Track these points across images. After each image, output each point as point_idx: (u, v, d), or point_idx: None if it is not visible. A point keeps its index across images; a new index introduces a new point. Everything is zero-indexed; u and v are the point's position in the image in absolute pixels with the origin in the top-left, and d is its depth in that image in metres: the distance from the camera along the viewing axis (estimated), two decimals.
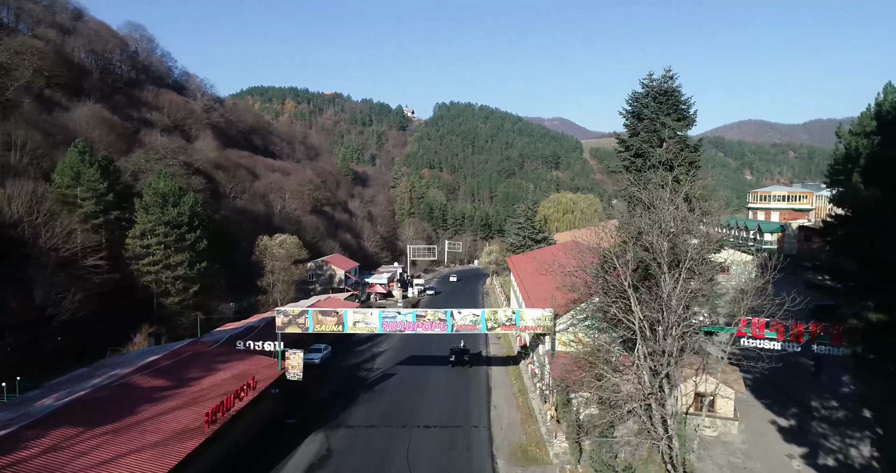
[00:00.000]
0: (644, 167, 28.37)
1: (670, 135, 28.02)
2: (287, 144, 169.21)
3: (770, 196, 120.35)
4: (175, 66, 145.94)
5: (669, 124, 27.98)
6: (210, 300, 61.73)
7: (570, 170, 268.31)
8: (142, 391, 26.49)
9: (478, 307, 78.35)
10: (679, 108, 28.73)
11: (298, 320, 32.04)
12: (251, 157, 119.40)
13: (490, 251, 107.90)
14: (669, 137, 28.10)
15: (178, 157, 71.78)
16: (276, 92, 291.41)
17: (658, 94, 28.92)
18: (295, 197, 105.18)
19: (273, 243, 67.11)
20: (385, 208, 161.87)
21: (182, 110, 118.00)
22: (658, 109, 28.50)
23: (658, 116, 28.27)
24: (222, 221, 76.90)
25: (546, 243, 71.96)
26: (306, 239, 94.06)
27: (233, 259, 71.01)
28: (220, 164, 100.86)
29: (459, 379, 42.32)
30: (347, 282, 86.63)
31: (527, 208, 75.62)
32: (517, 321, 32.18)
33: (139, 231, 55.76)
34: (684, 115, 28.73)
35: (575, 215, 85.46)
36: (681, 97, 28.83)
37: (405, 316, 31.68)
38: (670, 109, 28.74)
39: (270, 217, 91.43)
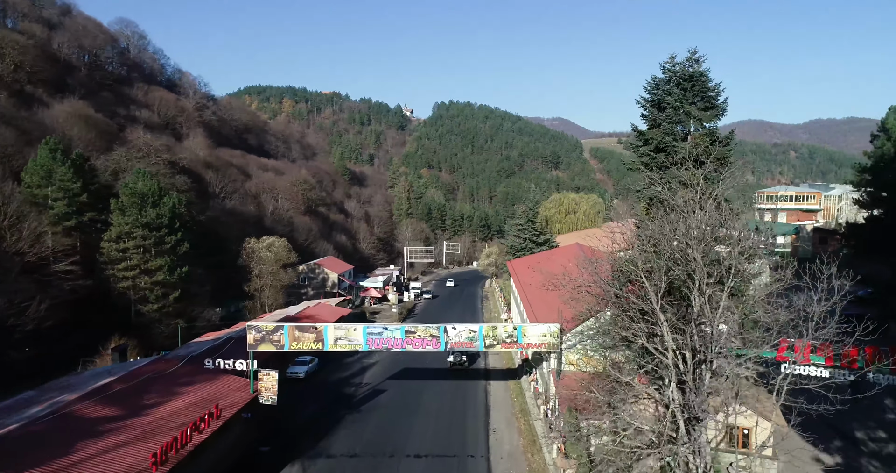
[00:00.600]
0: (667, 163, 24.59)
1: (696, 127, 24.36)
2: (283, 143, 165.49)
3: (777, 196, 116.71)
4: (168, 63, 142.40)
5: (695, 114, 24.27)
6: (192, 307, 57.96)
7: (571, 170, 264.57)
8: (85, 424, 22.73)
9: (476, 312, 74.89)
10: (706, 95, 24.94)
11: (272, 336, 28.28)
12: (244, 156, 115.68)
13: (489, 253, 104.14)
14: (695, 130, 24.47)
15: (161, 155, 68.07)
16: (274, 91, 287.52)
17: (682, 79, 25.08)
18: (288, 197, 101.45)
19: (260, 246, 63.40)
20: (382, 209, 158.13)
21: (173, 108, 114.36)
22: (682, 97, 24.69)
23: (682, 105, 24.48)
24: (210, 222, 73.25)
25: (548, 246, 68.21)
26: (298, 241, 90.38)
27: (221, 262, 67.35)
28: (211, 163, 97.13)
29: (455, 396, 38.60)
30: (341, 286, 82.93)
31: (527, 209, 71.88)
32: (519, 337, 28.44)
33: (115, 234, 52.03)
34: (712, 103, 24.95)
35: (577, 216, 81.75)
36: (708, 83, 24.98)
37: (393, 332, 27.94)
38: (696, 98, 24.98)
39: (262, 218, 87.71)
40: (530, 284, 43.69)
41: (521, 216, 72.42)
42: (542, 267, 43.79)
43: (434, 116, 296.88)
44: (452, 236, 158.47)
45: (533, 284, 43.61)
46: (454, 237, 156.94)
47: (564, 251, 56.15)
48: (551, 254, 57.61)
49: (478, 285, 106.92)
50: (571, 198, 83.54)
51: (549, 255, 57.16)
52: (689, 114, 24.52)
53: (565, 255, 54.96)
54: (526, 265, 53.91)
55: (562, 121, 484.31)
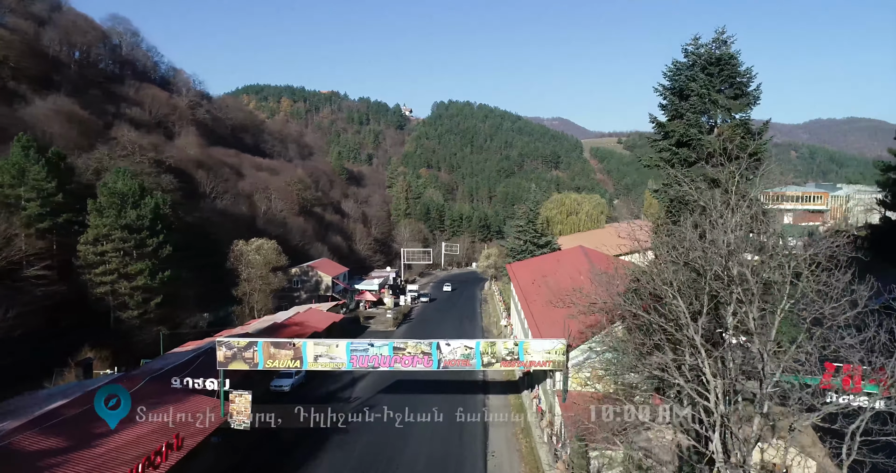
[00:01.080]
0: (691, 159, 21.48)
1: (724, 117, 21.29)
2: (279, 142, 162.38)
3: (782, 196, 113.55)
4: (162, 61, 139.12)
5: (723, 103, 21.19)
6: (177, 313, 54.99)
7: (571, 170, 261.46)
8: (21, 459, 19.68)
9: (475, 316, 71.60)
10: (735, 82, 21.83)
11: (245, 353, 25.23)
12: (238, 155, 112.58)
13: (488, 255, 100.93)
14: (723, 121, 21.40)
15: (147, 154, 65.04)
16: (272, 90, 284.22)
17: (707, 63, 21.89)
18: (282, 198, 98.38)
19: (249, 249, 60.34)
20: (380, 209, 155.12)
21: (165, 106, 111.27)
22: (708, 84, 21.53)
23: (709, 93, 21.30)
24: (199, 223, 70.27)
25: (549, 249, 65.13)
26: (292, 242, 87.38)
27: (211, 265, 64.32)
28: (203, 162, 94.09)
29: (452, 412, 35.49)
30: (335, 289, 79.85)
31: (528, 210, 68.77)
32: (520, 354, 25.40)
33: (92, 236, 48.98)
34: (742, 90, 21.85)
35: (579, 217, 78.70)
36: (738, 67, 21.81)
37: (379, 349, 24.89)
38: (724, 84, 21.86)
39: (254, 219, 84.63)
40: (532, 292, 40.57)
41: (522, 217, 69.33)
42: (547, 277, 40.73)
43: (433, 116, 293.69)
44: (451, 237, 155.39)
45: (535, 292, 40.46)
46: (453, 238, 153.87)
47: (567, 255, 53.08)
48: (553, 257, 54.55)
49: (476, 286, 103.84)
50: (573, 198, 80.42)
51: (552, 258, 54.10)
52: (716, 103, 21.37)
53: (568, 258, 51.88)
54: (527, 270, 50.86)
55: (561, 121, 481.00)
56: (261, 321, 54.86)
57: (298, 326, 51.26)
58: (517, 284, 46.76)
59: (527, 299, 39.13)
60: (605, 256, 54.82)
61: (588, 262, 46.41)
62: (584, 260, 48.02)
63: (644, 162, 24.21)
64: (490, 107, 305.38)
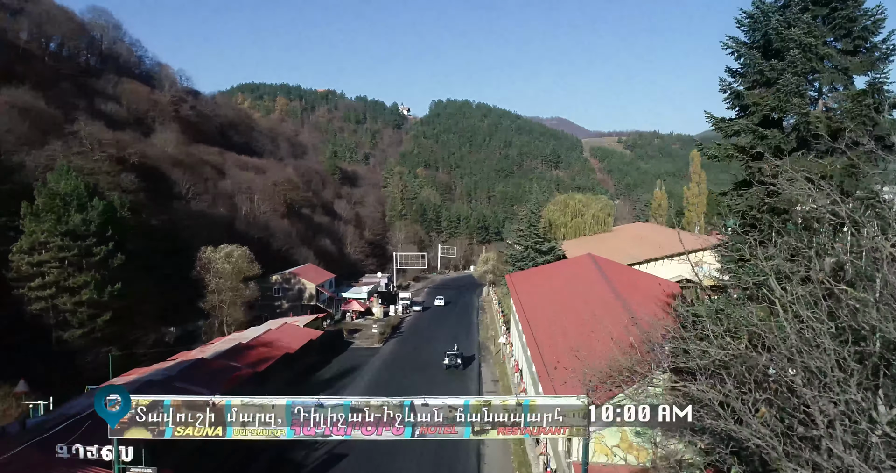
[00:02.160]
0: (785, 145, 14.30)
1: (837, 82, 14.22)
2: (271, 141, 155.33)
3: None
4: (146, 56, 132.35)
5: (837, 61, 13.95)
6: (133, 330, 47.96)
7: (571, 169, 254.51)
8: None
9: (471, 330, 63.95)
10: (852, 30, 14.67)
11: (150, 416, 18.13)
12: (222, 153, 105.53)
13: (487, 259, 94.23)
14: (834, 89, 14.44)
15: (107, 150, 58.11)
16: (268, 89, 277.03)
17: (812, 1, 14.71)
18: (267, 198, 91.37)
19: (217, 256, 53.36)
20: (375, 210, 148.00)
21: (145, 102, 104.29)
22: (815, 30, 14.17)
23: (816, 44, 14.00)
24: (167, 227, 63.27)
25: (553, 256, 58.18)
26: (274, 247, 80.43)
27: (179, 274, 57.37)
28: (181, 161, 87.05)
29: (440, 467, 28.70)
30: (320, 298, 72.86)
31: (529, 212, 61.79)
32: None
33: (27, 244, 41.97)
34: (866, 41, 14.69)
35: (585, 219, 71.75)
36: (859, 3, 14.55)
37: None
38: (837, 32, 14.68)
39: (233, 221, 77.59)
40: (538, 315, 33.47)
41: (523, 220, 62.34)
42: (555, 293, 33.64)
43: (431, 115, 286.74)
44: (448, 239, 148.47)
45: (541, 315, 33.38)
46: (450, 240, 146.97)
47: (575, 265, 46.10)
48: (559, 267, 47.55)
49: (474, 293, 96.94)
50: (578, 199, 73.48)
51: (557, 269, 47.11)
52: (826, 58, 14.16)
53: (577, 269, 44.88)
54: (530, 283, 43.88)
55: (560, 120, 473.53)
56: (226, 339, 47.93)
57: (267, 346, 44.34)
58: (518, 301, 39.81)
59: (531, 326, 32.10)
60: (618, 266, 47.94)
61: (600, 274, 39.48)
62: (594, 272, 41.07)
63: (710, 152, 17.08)
64: (489, 105, 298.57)
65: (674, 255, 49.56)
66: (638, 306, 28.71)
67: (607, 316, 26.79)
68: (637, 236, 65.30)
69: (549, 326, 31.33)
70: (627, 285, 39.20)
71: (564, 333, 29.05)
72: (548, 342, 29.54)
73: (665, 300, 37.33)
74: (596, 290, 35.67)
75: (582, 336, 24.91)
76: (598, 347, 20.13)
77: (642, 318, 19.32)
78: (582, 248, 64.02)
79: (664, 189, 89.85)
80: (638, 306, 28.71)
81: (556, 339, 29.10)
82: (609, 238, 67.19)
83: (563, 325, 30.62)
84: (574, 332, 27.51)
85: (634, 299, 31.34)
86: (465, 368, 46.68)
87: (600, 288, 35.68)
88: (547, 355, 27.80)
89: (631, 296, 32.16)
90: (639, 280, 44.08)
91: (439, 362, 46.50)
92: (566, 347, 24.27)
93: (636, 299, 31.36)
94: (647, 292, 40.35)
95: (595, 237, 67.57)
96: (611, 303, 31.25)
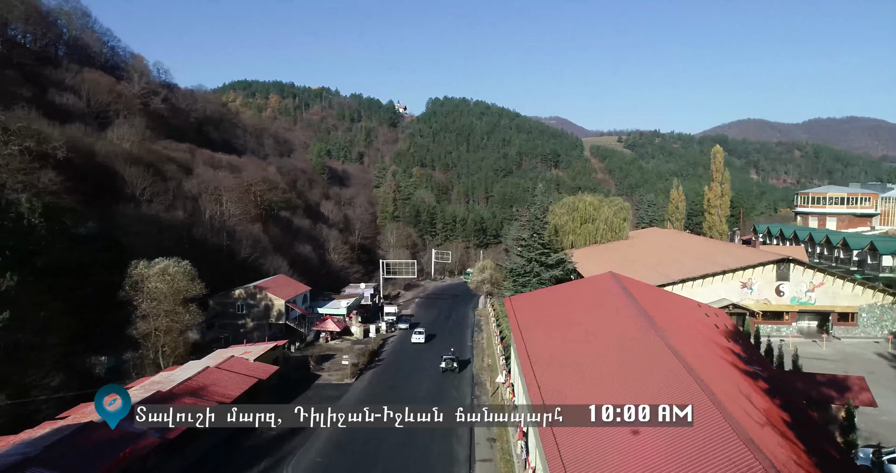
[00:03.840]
0: None
1: None
2: (255, 138, 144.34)
3: (825, 198, 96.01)
4: (119, 46, 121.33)
5: None
6: (31, 371, 37.13)
7: (572, 169, 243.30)
8: None
9: (464, 354, 51.80)
10: None
11: None
12: (192, 150, 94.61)
13: (483, 267, 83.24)
14: None
15: (24, 143, 47.28)
16: (260, 86, 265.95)
17: None
18: (239, 200, 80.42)
19: (150, 273, 42.49)
20: (365, 211, 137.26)
21: (107, 94, 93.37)
22: None
23: None
24: (102, 235, 52.38)
25: (562, 271, 47.38)
26: (240, 256, 69.56)
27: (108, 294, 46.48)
28: (140, 157, 76.18)
29: None
30: (290, 315, 62.05)
31: (533, 217, 50.95)
32: None
33: None
34: None
35: (596, 225, 60.92)
36: None
37: None
38: None
39: (192, 227, 66.72)
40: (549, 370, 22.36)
41: (525, 227, 51.50)
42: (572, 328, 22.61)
43: (427, 113, 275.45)
44: (443, 242, 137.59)
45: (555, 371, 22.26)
46: (445, 243, 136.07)
47: (595, 287, 35.23)
48: (575, 290, 36.62)
49: (469, 305, 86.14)
50: (588, 202, 62.40)
51: (572, 292, 36.20)
52: None
53: (599, 294, 34.03)
54: (536, 313, 33.00)
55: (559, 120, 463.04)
56: (150, 381, 37.10)
57: (194, 395, 33.52)
58: (521, 340, 28.97)
59: (539, 385, 21.16)
60: (648, 288, 37.20)
61: (631, 303, 28.70)
62: (621, 298, 30.23)
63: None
64: (487, 103, 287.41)
65: (716, 273, 38.90)
66: (700, 359, 18.01)
67: (654, 374, 16.19)
68: (660, 244, 54.63)
69: (564, 386, 20.54)
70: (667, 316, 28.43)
71: (590, 397, 18.31)
72: (566, 417, 18.58)
73: (728, 345, 26.58)
74: (629, 327, 24.92)
75: (614, 400, 14.31)
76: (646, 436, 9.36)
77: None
78: (595, 260, 53.13)
79: (681, 189, 78.91)
80: (700, 359, 18.01)
81: (577, 416, 18.26)
82: (626, 248, 56.43)
83: (587, 387, 19.87)
84: (606, 392, 16.63)
85: (684, 341, 20.53)
86: (460, 371, 46.82)
87: (634, 325, 24.90)
88: (564, 442, 16.90)
89: (678, 336, 21.46)
90: (680, 309, 33.19)
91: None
92: (590, 432, 13.74)
93: (687, 340, 20.56)
94: (697, 328, 29.25)
95: (609, 247, 56.85)
96: (654, 351, 20.53)
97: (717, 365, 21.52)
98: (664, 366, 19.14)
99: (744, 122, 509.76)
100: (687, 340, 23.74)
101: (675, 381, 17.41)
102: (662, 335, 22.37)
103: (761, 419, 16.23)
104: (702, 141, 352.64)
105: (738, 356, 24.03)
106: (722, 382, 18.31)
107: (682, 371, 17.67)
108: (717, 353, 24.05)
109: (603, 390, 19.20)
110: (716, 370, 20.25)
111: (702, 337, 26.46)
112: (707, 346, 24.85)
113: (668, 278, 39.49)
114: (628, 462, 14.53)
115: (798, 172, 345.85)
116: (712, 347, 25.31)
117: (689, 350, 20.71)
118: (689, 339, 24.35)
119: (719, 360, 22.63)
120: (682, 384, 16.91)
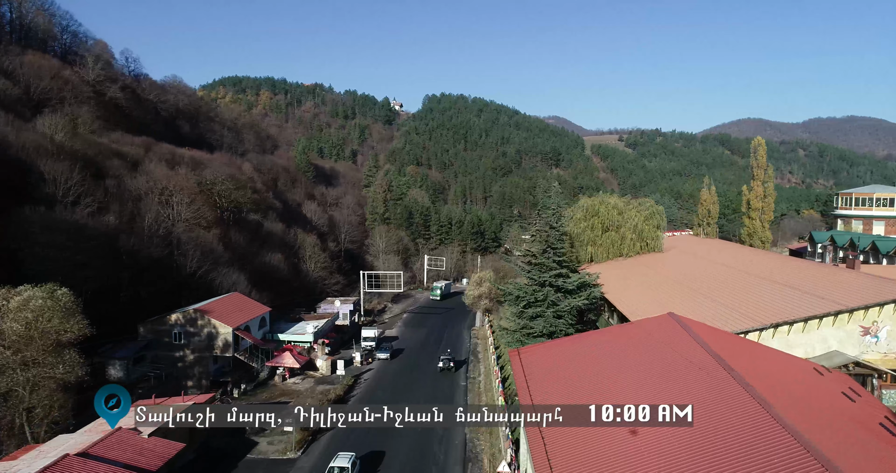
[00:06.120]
0: None
1: None
2: (233, 133, 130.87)
3: (870, 199, 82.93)
4: (80, 30, 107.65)
5: None
6: None
7: (573, 168, 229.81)
8: None
9: (455, 396, 38.78)
10: None
11: None
12: (148, 144, 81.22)
13: (480, 280, 70.09)
14: None
15: None
16: (251, 82, 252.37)
17: None
18: (193, 201, 67.03)
19: (8, 308, 29.21)
20: (353, 213, 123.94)
21: (52, 80, 79.99)
22: None
23: None
24: None
25: (588, 299, 34.27)
26: (186, 270, 56.25)
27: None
28: (75, 151, 62.83)
29: None
30: (240, 346, 48.80)
31: (546, 225, 37.52)
32: None
33: None
34: None
35: (622, 233, 47.62)
36: None
37: None
38: None
39: (122, 235, 53.33)
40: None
41: (536, 239, 38.11)
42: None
43: (424, 110, 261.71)
44: (438, 246, 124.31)
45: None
46: (440, 248, 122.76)
47: (652, 338, 21.97)
48: (621, 347, 23.19)
49: (464, 323, 73.01)
50: (612, 204, 48.78)
51: (612, 344, 22.79)
52: None
53: (656, 350, 20.90)
54: (559, 381, 19.67)
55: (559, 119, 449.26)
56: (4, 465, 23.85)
57: None
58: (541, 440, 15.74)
59: None
60: (730, 339, 24.14)
61: (739, 386, 15.65)
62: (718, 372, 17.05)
63: None
64: (485, 100, 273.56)
65: (828, 314, 25.59)
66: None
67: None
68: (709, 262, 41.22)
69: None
70: (803, 406, 15.41)
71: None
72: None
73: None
74: (738, 428, 11.87)
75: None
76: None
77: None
78: (627, 284, 39.63)
79: (713, 188, 65.61)
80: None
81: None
82: (663, 265, 43.06)
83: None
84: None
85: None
86: (457, 370, 47.16)
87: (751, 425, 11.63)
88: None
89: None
90: (809, 387, 19.95)
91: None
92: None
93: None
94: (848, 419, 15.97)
95: (641, 262, 43.59)
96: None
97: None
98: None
99: (744, 121, 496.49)
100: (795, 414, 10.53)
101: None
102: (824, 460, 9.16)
103: None
104: (704, 140, 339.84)
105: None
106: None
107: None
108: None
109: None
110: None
111: (823, 417, 13.24)
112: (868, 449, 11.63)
113: (753, 320, 26.20)
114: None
115: (803, 171, 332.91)
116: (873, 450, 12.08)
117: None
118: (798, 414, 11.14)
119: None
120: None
